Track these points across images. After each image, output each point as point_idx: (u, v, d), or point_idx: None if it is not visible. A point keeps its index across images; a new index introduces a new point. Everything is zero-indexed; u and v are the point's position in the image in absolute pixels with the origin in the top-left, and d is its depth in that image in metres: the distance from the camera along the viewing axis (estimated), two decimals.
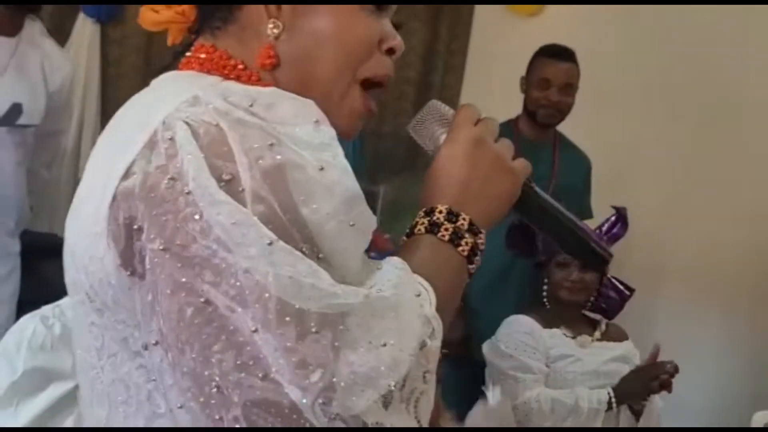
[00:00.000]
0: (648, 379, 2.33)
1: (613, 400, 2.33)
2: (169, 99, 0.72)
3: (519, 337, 2.41)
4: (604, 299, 2.53)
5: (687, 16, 3.31)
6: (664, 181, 3.39)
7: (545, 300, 2.52)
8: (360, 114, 0.83)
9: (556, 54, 2.75)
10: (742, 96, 3.25)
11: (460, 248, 0.79)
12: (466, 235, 0.79)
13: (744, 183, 3.26)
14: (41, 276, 2.88)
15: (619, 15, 3.46)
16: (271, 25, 0.79)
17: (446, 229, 0.79)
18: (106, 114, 3.36)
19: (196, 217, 0.65)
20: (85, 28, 3.30)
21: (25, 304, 2.71)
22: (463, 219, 0.80)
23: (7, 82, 2.30)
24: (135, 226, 0.67)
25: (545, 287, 2.51)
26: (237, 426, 0.64)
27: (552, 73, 2.74)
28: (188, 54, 0.84)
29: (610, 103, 3.38)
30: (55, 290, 2.85)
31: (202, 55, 0.81)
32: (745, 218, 3.24)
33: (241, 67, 0.80)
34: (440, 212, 0.80)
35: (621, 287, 2.55)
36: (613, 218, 2.52)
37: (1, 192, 2.36)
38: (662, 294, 3.32)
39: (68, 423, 1.52)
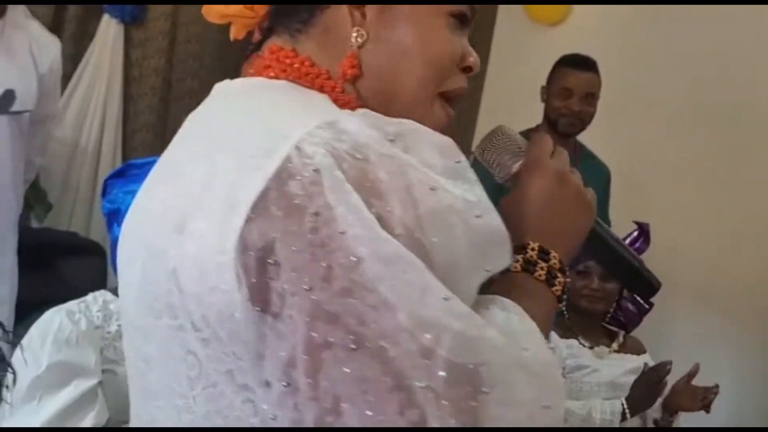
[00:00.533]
0: (652, 383, 2.32)
1: (627, 411, 2.32)
2: (293, 120, 0.67)
3: None
4: (622, 312, 2.53)
5: (710, 24, 3.30)
6: (682, 193, 3.38)
7: (564, 309, 2.51)
8: (443, 126, 0.81)
9: (578, 63, 2.76)
10: (764, 107, 3.24)
11: (554, 288, 0.78)
12: (559, 275, 0.78)
13: (764, 195, 3.25)
14: (60, 274, 2.90)
15: (640, 24, 3.46)
16: (355, 34, 0.76)
17: (541, 269, 0.78)
18: (127, 114, 3.39)
19: (352, 258, 0.60)
20: (109, 29, 3.32)
21: (44, 302, 2.73)
22: (554, 257, 0.79)
23: None
24: (270, 261, 0.61)
25: (564, 296, 2.50)
26: None
27: (573, 82, 2.76)
28: (261, 54, 0.80)
29: (629, 113, 3.38)
30: (74, 288, 2.87)
31: (287, 60, 0.77)
32: (765, 231, 3.22)
33: (325, 76, 0.77)
34: (533, 249, 0.78)
35: (640, 300, 2.54)
36: (635, 233, 2.53)
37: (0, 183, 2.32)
38: (679, 307, 3.30)
39: (89, 419, 1.53)
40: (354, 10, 0.77)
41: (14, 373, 1.08)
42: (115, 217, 1.67)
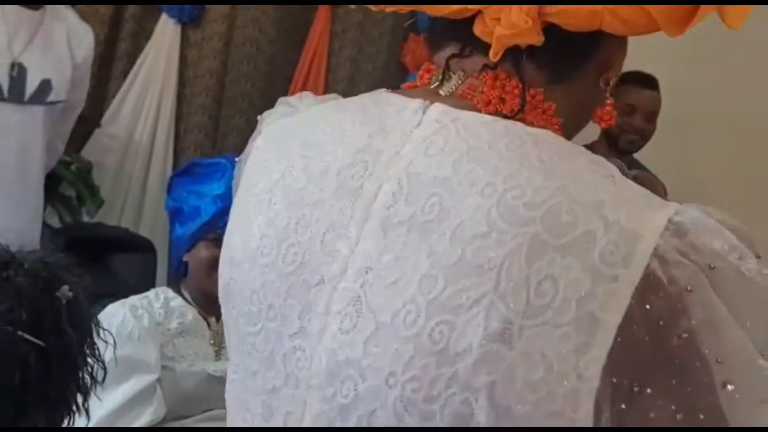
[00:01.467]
0: None
1: None
2: (633, 209, 0.58)
3: None
4: None
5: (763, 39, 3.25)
6: (736, 205, 3.32)
7: None
8: None
9: (643, 81, 2.77)
10: None
11: None
12: None
13: None
14: (111, 269, 2.93)
15: (694, 43, 3.42)
16: (603, 85, 0.68)
17: None
18: (180, 113, 3.42)
19: (729, 388, 0.55)
20: (166, 29, 3.36)
21: (95, 297, 2.76)
22: None
23: (36, 58, 2.25)
24: (635, 388, 0.55)
25: None
26: None
27: (638, 100, 2.76)
28: (486, 80, 0.65)
29: (677, 125, 3.34)
30: (124, 283, 2.89)
31: (536, 104, 0.64)
32: None
33: (557, 127, 0.65)
34: None
35: None
36: None
37: (28, 171, 2.34)
38: None
39: (147, 414, 1.54)
40: (610, 60, 0.68)
41: (104, 367, 1.09)
42: (177, 216, 1.69)
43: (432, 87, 0.68)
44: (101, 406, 1.51)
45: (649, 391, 0.55)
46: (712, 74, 3.40)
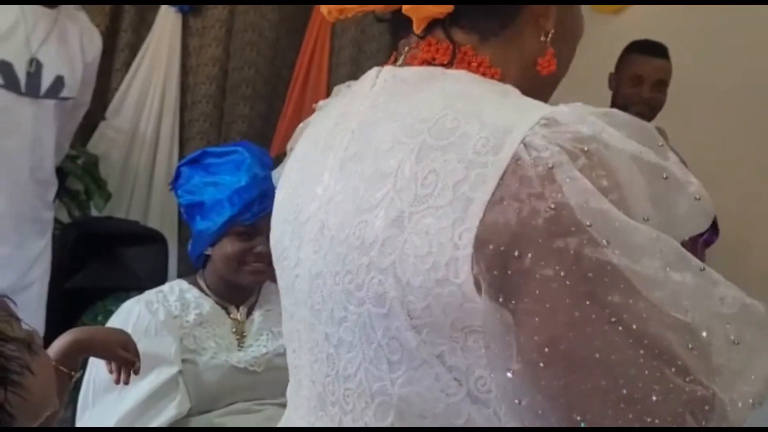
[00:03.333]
0: None
1: None
2: (509, 114, 0.68)
3: None
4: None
5: None
6: (750, 182, 3.30)
7: None
8: None
9: (649, 49, 2.69)
10: None
11: None
12: None
13: None
14: (123, 262, 2.92)
15: (703, 11, 3.38)
16: (543, 37, 0.79)
17: None
18: (184, 103, 3.39)
19: (604, 242, 0.62)
20: (167, 19, 3.33)
21: (108, 291, 2.75)
22: None
23: (51, 54, 2.31)
24: (515, 253, 0.64)
25: None
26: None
27: (645, 69, 2.67)
28: (426, 45, 0.80)
29: (692, 102, 3.30)
30: (137, 276, 2.88)
31: (465, 58, 0.77)
32: None
33: (498, 77, 0.77)
34: None
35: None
36: None
37: (42, 166, 2.38)
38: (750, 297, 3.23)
39: (171, 408, 1.53)
40: (540, 17, 0.79)
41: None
42: (198, 210, 1.66)
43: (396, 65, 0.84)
44: (123, 402, 1.50)
45: (530, 255, 0.63)
46: (721, 44, 3.36)
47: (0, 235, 2.27)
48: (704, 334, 0.64)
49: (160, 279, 2.70)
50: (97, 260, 2.84)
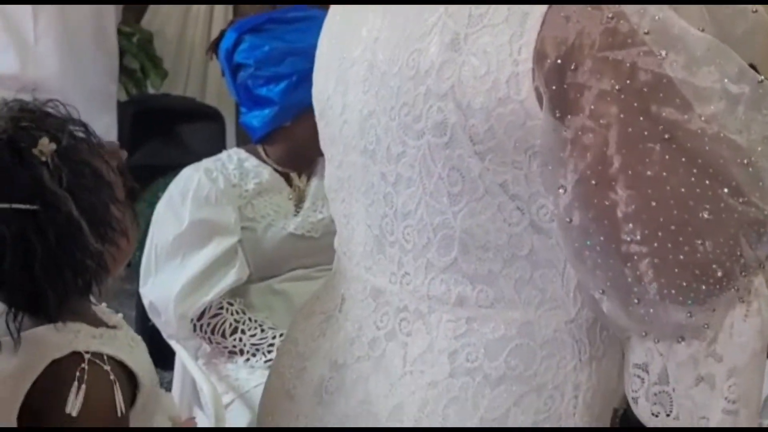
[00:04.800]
0: None
1: None
2: None
3: None
4: None
5: None
6: None
7: None
8: None
9: None
10: None
11: None
12: None
13: None
14: (180, 139, 2.91)
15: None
16: None
17: None
18: None
19: (662, 52, 0.62)
20: None
21: (167, 168, 2.75)
22: None
23: None
24: (572, 66, 0.63)
25: None
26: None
27: None
28: None
29: None
30: (195, 153, 2.86)
31: None
32: None
33: None
34: None
35: None
36: None
37: (104, 32, 2.38)
38: None
39: (231, 275, 1.52)
40: None
41: None
42: (275, 82, 1.57)
43: None
44: (185, 270, 1.50)
45: (586, 67, 0.62)
46: None
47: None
48: (759, 149, 0.63)
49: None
50: (155, 138, 2.84)
